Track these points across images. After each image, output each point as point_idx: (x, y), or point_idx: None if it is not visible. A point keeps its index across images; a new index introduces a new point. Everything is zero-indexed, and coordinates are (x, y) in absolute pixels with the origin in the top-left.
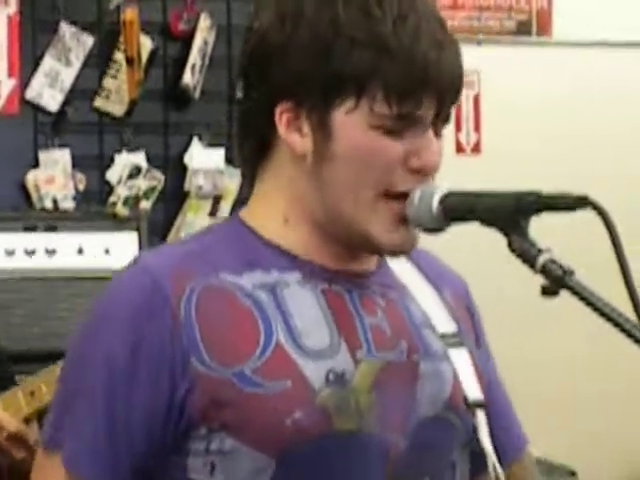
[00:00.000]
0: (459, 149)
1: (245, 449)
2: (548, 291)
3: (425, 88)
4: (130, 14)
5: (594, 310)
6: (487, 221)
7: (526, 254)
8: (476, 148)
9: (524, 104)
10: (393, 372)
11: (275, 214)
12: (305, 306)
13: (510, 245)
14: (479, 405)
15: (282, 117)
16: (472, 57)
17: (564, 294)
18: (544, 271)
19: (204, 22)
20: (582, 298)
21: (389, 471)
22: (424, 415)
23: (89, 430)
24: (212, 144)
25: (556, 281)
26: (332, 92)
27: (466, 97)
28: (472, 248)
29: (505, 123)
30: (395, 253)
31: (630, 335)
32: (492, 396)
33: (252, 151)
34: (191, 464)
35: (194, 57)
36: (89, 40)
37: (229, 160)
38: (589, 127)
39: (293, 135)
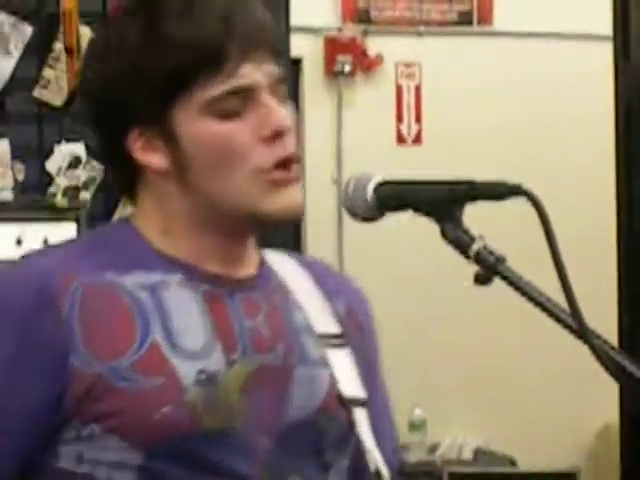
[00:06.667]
0: (400, 140)
1: (114, 440)
2: (481, 278)
3: (231, 40)
4: (69, 3)
5: (525, 297)
6: (421, 210)
7: (459, 242)
8: (417, 139)
9: (465, 94)
10: (267, 375)
11: (156, 228)
12: (184, 307)
13: (443, 233)
14: (358, 402)
15: (136, 144)
16: (413, 48)
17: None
18: (477, 259)
19: None
20: (513, 285)
21: (257, 470)
22: (294, 418)
23: None
24: None
25: (489, 269)
26: (161, 99)
27: (407, 88)
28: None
29: (446, 113)
30: (283, 220)
31: (559, 321)
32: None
33: (124, 179)
34: (62, 452)
35: None
36: (28, 30)
37: None
38: (529, 116)
39: (151, 156)
